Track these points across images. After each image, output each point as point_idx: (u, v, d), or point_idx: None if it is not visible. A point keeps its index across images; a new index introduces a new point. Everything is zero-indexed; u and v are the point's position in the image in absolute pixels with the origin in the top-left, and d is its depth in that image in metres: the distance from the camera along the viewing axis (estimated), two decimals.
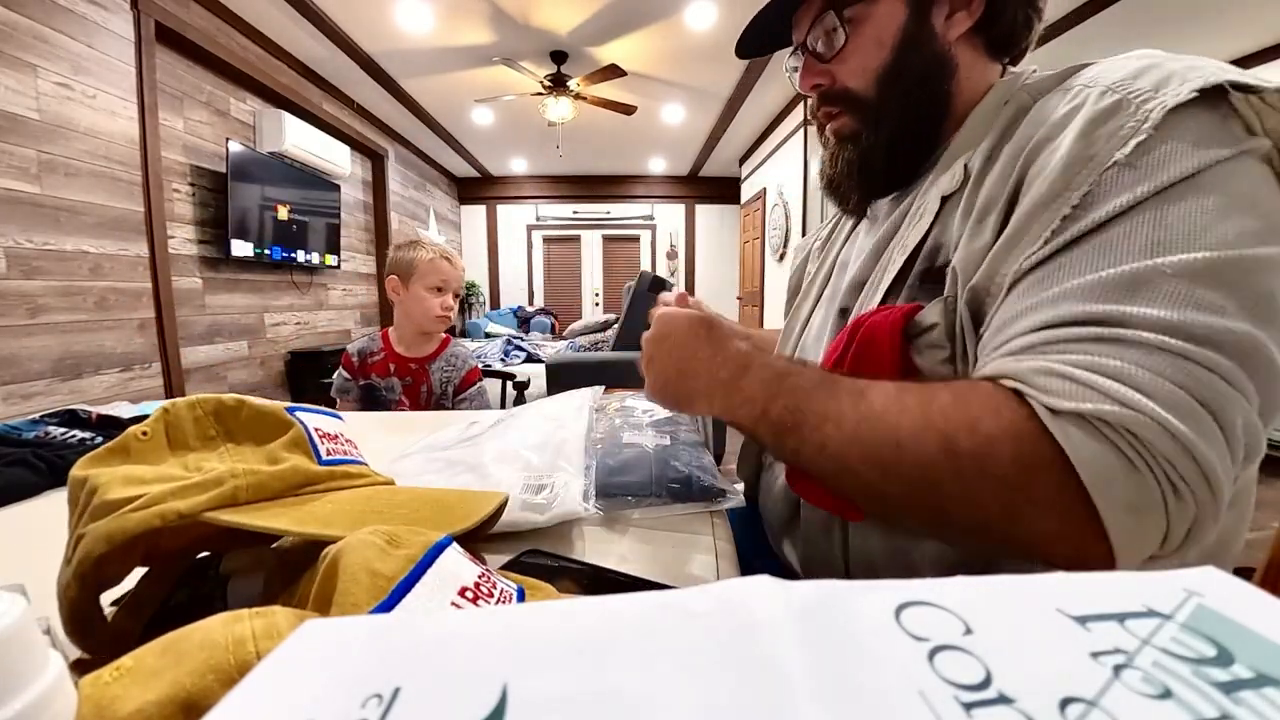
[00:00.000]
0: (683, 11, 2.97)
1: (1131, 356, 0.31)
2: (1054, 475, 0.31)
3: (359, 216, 4.44)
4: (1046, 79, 0.47)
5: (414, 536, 0.28)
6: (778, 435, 0.41)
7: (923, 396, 0.36)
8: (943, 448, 0.34)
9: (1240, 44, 3.07)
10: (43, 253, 1.98)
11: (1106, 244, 0.35)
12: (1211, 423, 0.30)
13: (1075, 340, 0.33)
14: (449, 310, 1.40)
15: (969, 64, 0.52)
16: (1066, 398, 0.32)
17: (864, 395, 0.38)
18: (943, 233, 0.47)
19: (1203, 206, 0.33)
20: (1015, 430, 0.32)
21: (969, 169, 0.46)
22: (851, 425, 0.37)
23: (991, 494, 0.33)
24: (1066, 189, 0.37)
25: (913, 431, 0.35)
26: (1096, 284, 0.34)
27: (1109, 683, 0.11)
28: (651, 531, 0.50)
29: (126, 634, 0.32)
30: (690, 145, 5.56)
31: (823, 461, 0.39)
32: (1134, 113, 0.36)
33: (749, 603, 0.14)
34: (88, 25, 2.12)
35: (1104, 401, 0.31)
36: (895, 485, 0.36)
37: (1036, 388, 0.33)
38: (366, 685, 0.13)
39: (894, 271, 0.49)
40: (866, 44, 0.52)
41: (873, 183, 0.57)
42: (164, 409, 0.35)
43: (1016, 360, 0.35)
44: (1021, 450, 0.32)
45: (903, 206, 0.54)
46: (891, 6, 0.51)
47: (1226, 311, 0.31)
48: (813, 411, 0.39)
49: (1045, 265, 0.37)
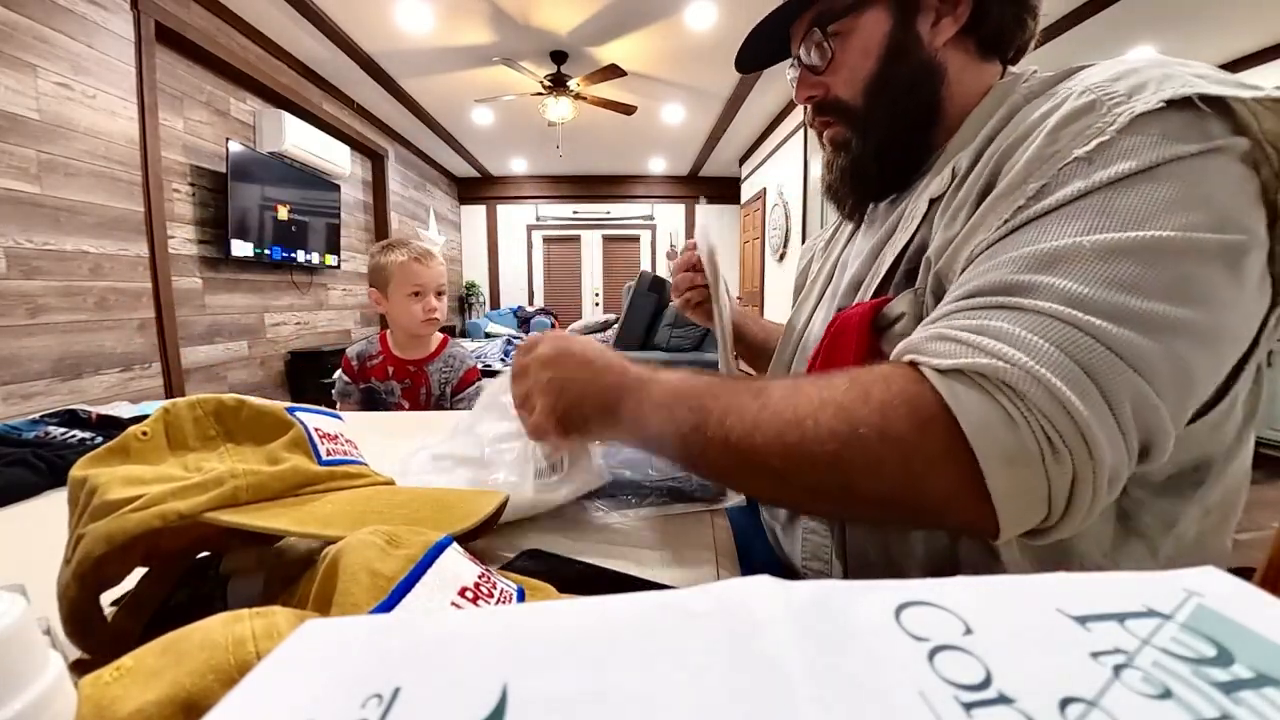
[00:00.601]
0: (683, 11, 2.97)
1: (1023, 321, 0.32)
2: (941, 430, 0.32)
3: (359, 216, 4.44)
4: (1043, 81, 0.47)
5: (414, 536, 0.28)
6: (682, 440, 0.41)
7: (819, 380, 0.38)
8: (841, 418, 0.34)
9: (1240, 44, 3.07)
10: (43, 253, 1.98)
11: (1045, 225, 0.35)
12: (1095, 391, 0.31)
13: (974, 308, 0.35)
14: (433, 312, 1.34)
15: (960, 68, 0.52)
16: (949, 357, 0.33)
17: (764, 389, 0.39)
18: (928, 233, 0.47)
19: (1154, 196, 0.33)
20: (907, 393, 0.33)
21: (956, 170, 0.47)
22: (753, 414, 0.38)
23: (892, 458, 0.33)
24: (1025, 181, 0.38)
25: (810, 410, 0.35)
26: (1019, 259, 0.35)
27: (1109, 683, 0.11)
28: (651, 531, 0.50)
29: (126, 634, 0.32)
30: (690, 145, 5.56)
31: (728, 457, 0.38)
32: (1104, 114, 0.36)
33: (749, 603, 0.14)
34: (88, 25, 2.12)
35: (981, 356, 0.32)
36: (801, 466, 0.36)
37: (926, 352, 0.34)
38: (366, 685, 0.13)
39: (883, 272, 0.50)
40: (853, 55, 0.53)
41: (865, 188, 0.58)
42: (164, 409, 0.35)
43: (918, 333, 0.36)
44: (915, 409, 0.33)
45: (899, 209, 0.54)
46: (876, 17, 0.52)
47: (1141, 290, 0.31)
48: (716, 408, 0.39)
49: (991, 249, 0.38)
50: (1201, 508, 0.41)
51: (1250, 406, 0.41)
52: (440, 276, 1.37)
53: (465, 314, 6.71)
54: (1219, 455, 0.41)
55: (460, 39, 3.29)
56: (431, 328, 1.37)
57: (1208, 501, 0.42)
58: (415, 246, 1.36)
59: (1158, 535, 0.41)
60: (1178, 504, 0.41)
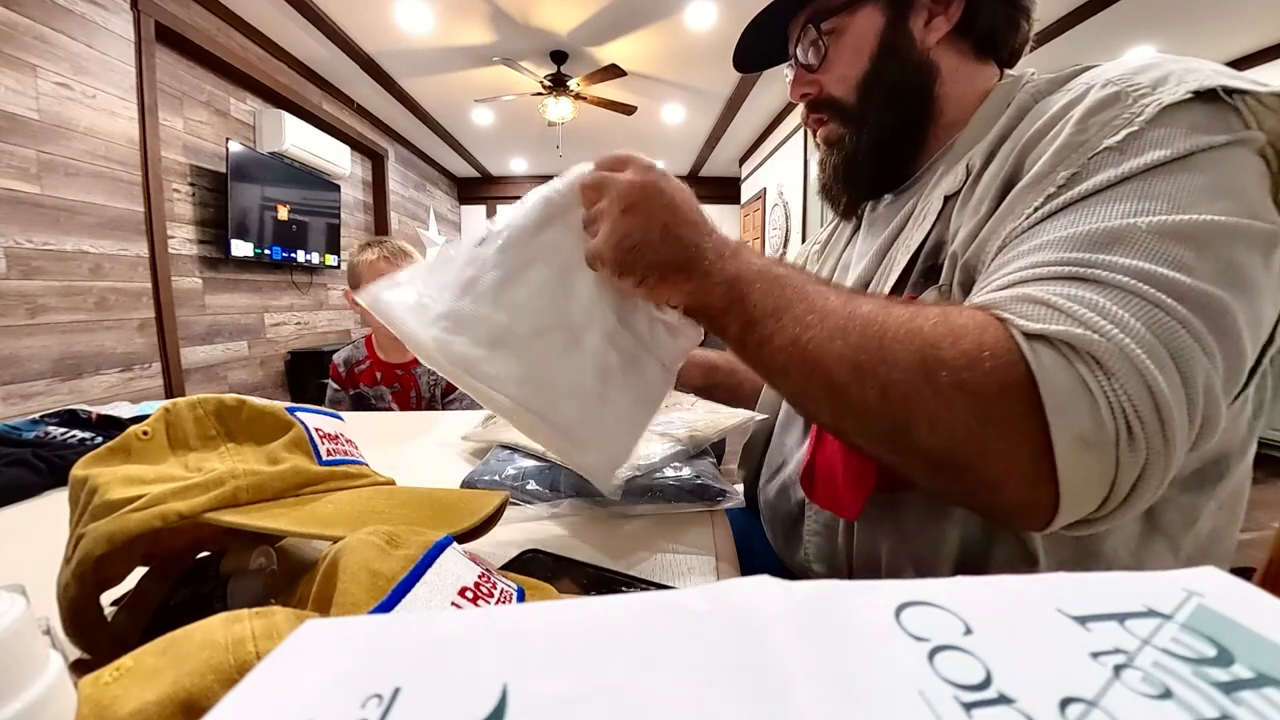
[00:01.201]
0: (683, 11, 2.97)
1: (1107, 295, 0.31)
2: (1021, 397, 0.31)
3: (359, 216, 4.44)
4: (1048, 81, 0.47)
5: (414, 536, 0.28)
6: (749, 322, 0.39)
7: (911, 307, 0.36)
8: (925, 354, 0.33)
9: (1240, 44, 3.07)
10: (43, 253, 1.98)
11: (1088, 209, 0.35)
12: (1175, 372, 0.30)
13: (1054, 278, 0.34)
14: None
15: (954, 67, 0.53)
16: (1039, 320, 0.32)
17: (855, 298, 0.38)
18: (944, 230, 0.47)
19: (1191, 184, 0.33)
20: (994, 347, 0.32)
21: (970, 168, 0.47)
22: (838, 319, 0.36)
23: (963, 411, 0.32)
24: (1054, 170, 0.37)
25: (896, 334, 0.34)
26: (1075, 236, 0.34)
27: (1109, 683, 0.11)
28: (652, 531, 0.50)
29: (126, 634, 0.32)
30: (690, 145, 5.55)
31: (791, 355, 0.37)
32: (1130, 105, 0.37)
33: (749, 603, 0.14)
34: (88, 25, 2.12)
35: (1073, 325, 0.31)
36: (866, 389, 0.34)
37: (1013, 312, 0.33)
38: (366, 685, 0.13)
39: (898, 271, 0.50)
40: (847, 53, 0.54)
41: (859, 185, 0.58)
42: (165, 409, 0.35)
43: (998, 293, 0.35)
44: (997, 366, 0.31)
45: (906, 209, 0.54)
46: (869, 16, 0.52)
47: (1196, 272, 0.31)
48: (798, 304, 0.38)
49: (1028, 232, 0.37)
50: (1217, 503, 0.42)
51: (1259, 400, 0.41)
52: None
53: None
54: (1236, 448, 0.41)
55: (460, 39, 3.29)
56: None
57: (1221, 497, 0.42)
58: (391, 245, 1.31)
59: (1179, 533, 0.41)
60: (1198, 499, 0.41)
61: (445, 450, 0.75)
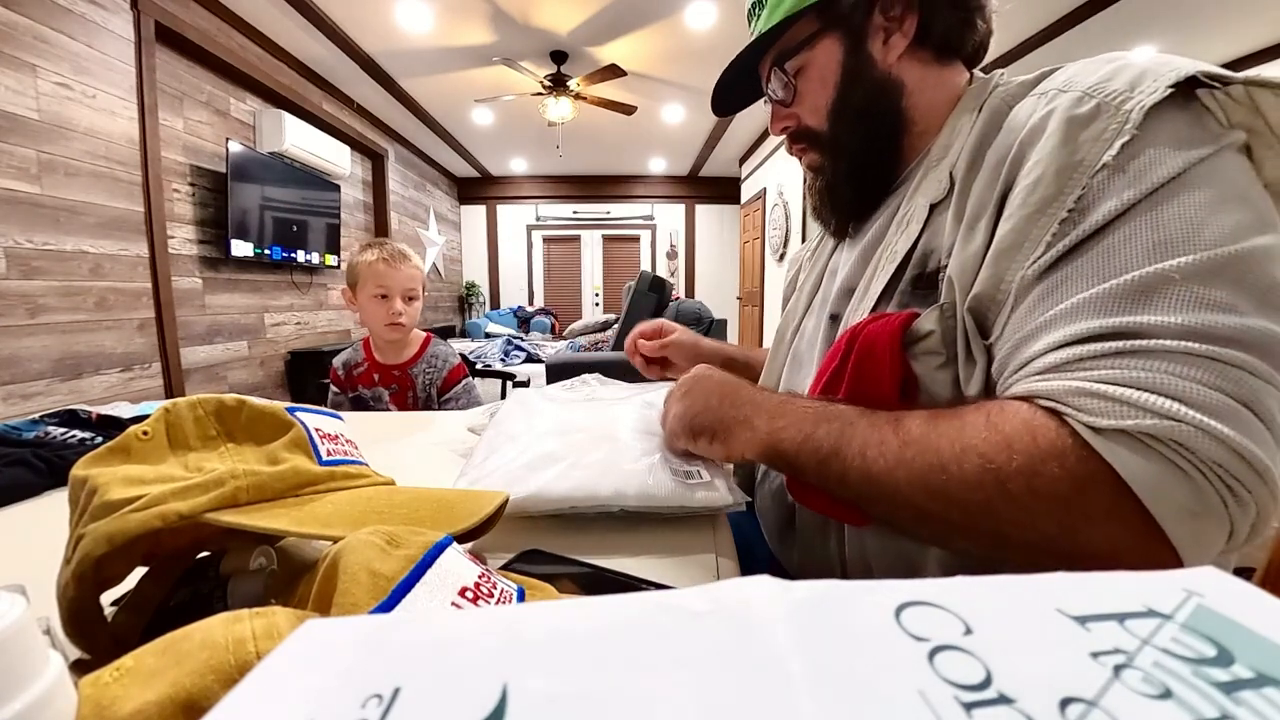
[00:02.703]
0: (683, 11, 2.97)
1: (1160, 366, 0.31)
2: (1107, 490, 0.31)
3: (359, 216, 4.44)
4: (1018, 85, 0.48)
5: (414, 536, 0.28)
6: (823, 461, 0.41)
7: (955, 420, 0.37)
8: (985, 470, 0.34)
9: (1240, 44, 3.07)
10: (43, 253, 1.98)
11: (1109, 250, 0.35)
12: (1253, 418, 0.30)
13: (1100, 356, 0.33)
14: (397, 317, 1.27)
15: (919, 78, 0.54)
16: (1106, 415, 0.31)
17: (901, 421, 0.39)
18: (933, 238, 0.47)
19: (1195, 202, 0.34)
20: (1059, 449, 0.32)
21: (954, 177, 0.47)
22: (894, 449, 0.37)
23: (1045, 513, 0.32)
24: (1060, 194, 0.37)
25: (953, 454, 0.35)
26: (1107, 295, 0.34)
27: (1109, 683, 0.11)
28: (652, 531, 0.50)
29: (126, 634, 0.32)
30: (690, 145, 5.55)
31: (871, 487, 0.39)
32: (1114, 114, 0.37)
33: (749, 603, 0.14)
34: (88, 25, 2.12)
35: (1144, 416, 0.30)
36: (948, 509, 0.35)
37: (1074, 407, 0.33)
38: (366, 685, 0.13)
39: (884, 279, 0.50)
40: (814, 85, 0.56)
41: (845, 207, 0.60)
42: (165, 409, 0.35)
43: (1045, 380, 0.35)
44: (1069, 468, 0.32)
45: (885, 214, 0.55)
46: (828, 47, 0.54)
47: (1239, 309, 0.31)
48: (856, 436, 0.40)
49: (1050, 274, 0.37)
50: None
51: None
52: (410, 280, 1.30)
53: (465, 314, 6.70)
54: None
55: (460, 39, 3.29)
56: (395, 333, 1.31)
57: None
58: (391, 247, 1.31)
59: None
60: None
61: (445, 450, 0.75)
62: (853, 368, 0.46)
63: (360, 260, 1.29)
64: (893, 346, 0.44)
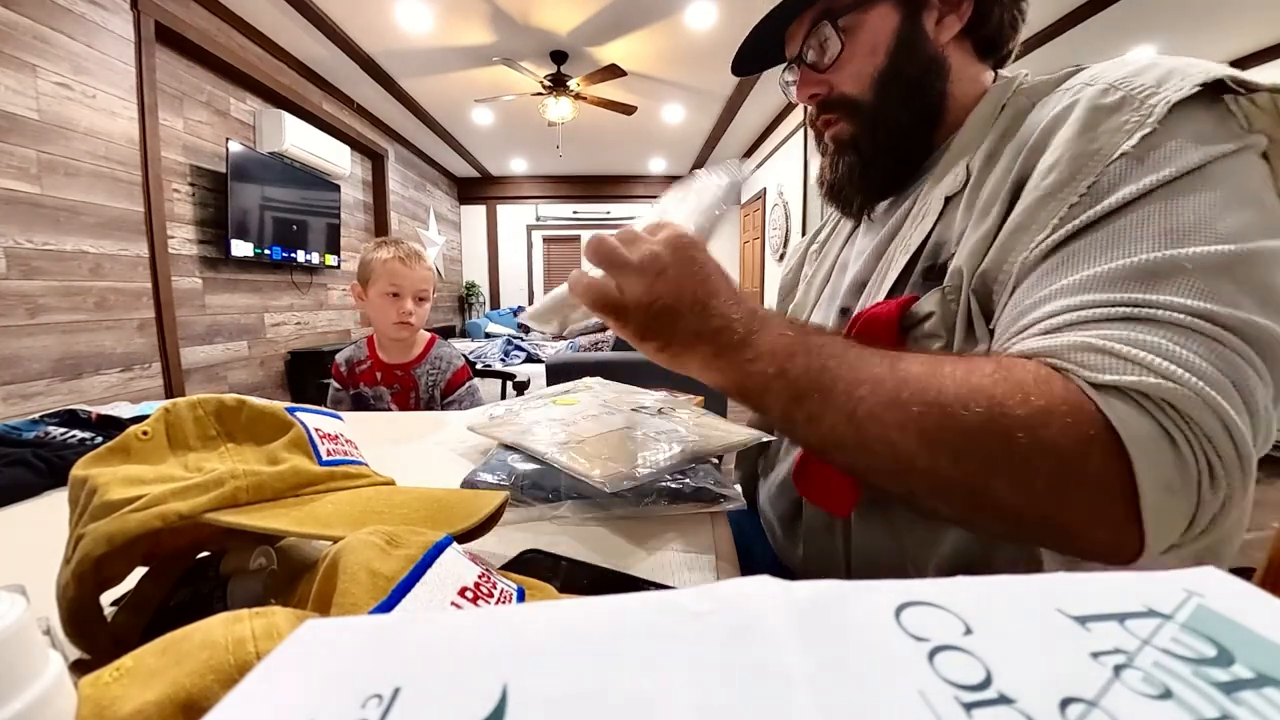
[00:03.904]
0: (683, 11, 2.97)
1: (1167, 335, 0.31)
2: (1102, 449, 0.30)
3: (359, 216, 4.44)
4: (1042, 83, 0.48)
5: (414, 536, 0.28)
6: (793, 399, 0.37)
7: (965, 364, 0.35)
8: (993, 414, 0.31)
9: (1240, 44, 3.07)
10: (43, 253, 1.98)
11: (1119, 231, 0.35)
12: (1243, 405, 0.30)
13: (1107, 320, 0.33)
14: (407, 316, 1.29)
15: (960, 66, 0.53)
16: (1106, 371, 0.31)
17: (900, 359, 0.36)
18: (945, 230, 0.47)
19: (1210, 199, 0.34)
20: (1069, 403, 0.31)
21: (970, 170, 0.47)
22: (890, 388, 0.34)
23: (1044, 469, 0.31)
24: (1073, 179, 0.37)
25: (959, 395, 0.32)
26: (1116, 271, 0.34)
27: (1109, 683, 0.11)
28: (652, 532, 0.50)
29: (126, 634, 0.32)
30: (690, 145, 5.55)
31: (847, 430, 0.35)
32: (1138, 107, 0.37)
33: (749, 603, 0.14)
34: (88, 25, 2.12)
35: (1145, 374, 0.30)
36: (938, 456, 0.33)
37: (1075, 363, 0.32)
38: (366, 685, 0.13)
39: (897, 271, 0.50)
40: (862, 50, 0.53)
41: (874, 184, 0.57)
42: (165, 409, 0.35)
43: (1048, 338, 0.34)
44: (1077, 423, 0.31)
45: (903, 208, 0.55)
46: (884, 12, 0.52)
47: (1242, 305, 0.31)
48: (842, 375, 0.36)
49: (1058, 252, 0.37)
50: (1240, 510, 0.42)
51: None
52: (422, 281, 1.32)
53: (465, 314, 6.70)
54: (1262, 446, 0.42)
55: (460, 39, 3.29)
56: (403, 332, 1.31)
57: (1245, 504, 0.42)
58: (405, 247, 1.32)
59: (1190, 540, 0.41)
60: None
61: (445, 450, 0.75)
62: None
63: (375, 257, 1.30)
64: (889, 328, 0.44)
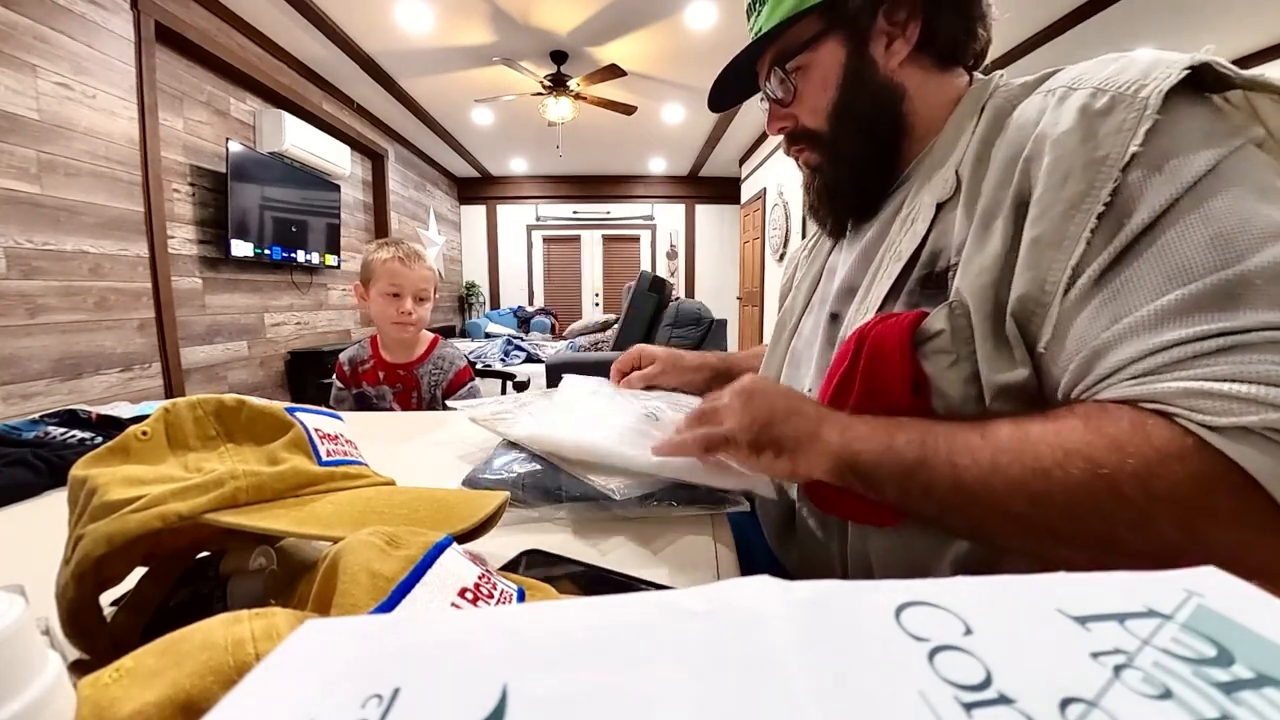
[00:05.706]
0: (683, 11, 2.97)
1: (1267, 359, 0.30)
2: (1233, 490, 0.30)
3: (359, 216, 4.44)
4: (1019, 86, 0.48)
5: (414, 537, 0.28)
6: (906, 470, 0.39)
7: (1053, 424, 0.35)
8: (1096, 474, 0.32)
9: (1240, 44, 3.07)
10: (43, 253, 1.98)
11: (1165, 249, 0.34)
12: None
13: (1199, 355, 0.32)
14: (407, 316, 1.29)
15: (920, 83, 0.54)
16: (1222, 414, 0.30)
17: (987, 427, 0.37)
18: (941, 237, 0.47)
19: (1238, 196, 0.33)
20: (1180, 450, 0.31)
21: (960, 176, 0.47)
22: (987, 456, 0.36)
23: (1166, 515, 0.31)
24: (1091, 188, 0.37)
25: (1054, 459, 0.33)
26: (1188, 300, 0.33)
27: (1109, 683, 0.11)
28: (652, 532, 0.50)
29: (126, 634, 0.32)
30: (690, 145, 5.55)
31: (962, 497, 0.37)
32: (1131, 103, 0.36)
33: (749, 603, 0.14)
34: (88, 25, 2.12)
35: (1266, 411, 0.30)
36: (1051, 515, 0.34)
37: (1185, 408, 0.32)
38: (366, 685, 0.13)
39: (890, 279, 0.50)
40: (815, 86, 0.56)
41: (843, 208, 0.60)
42: (164, 409, 0.35)
43: (1144, 384, 0.33)
44: (1191, 469, 0.31)
45: (888, 211, 0.55)
46: (831, 49, 0.54)
47: None
48: (939, 444, 0.38)
49: (1108, 279, 0.36)
50: None
51: None
52: (422, 281, 1.32)
53: (465, 314, 6.70)
54: None
55: (460, 39, 3.28)
56: (403, 332, 1.32)
57: None
58: (406, 247, 1.33)
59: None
60: None
61: (445, 450, 0.75)
62: (864, 369, 0.45)
63: (375, 257, 1.31)
64: (903, 346, 0.44)
